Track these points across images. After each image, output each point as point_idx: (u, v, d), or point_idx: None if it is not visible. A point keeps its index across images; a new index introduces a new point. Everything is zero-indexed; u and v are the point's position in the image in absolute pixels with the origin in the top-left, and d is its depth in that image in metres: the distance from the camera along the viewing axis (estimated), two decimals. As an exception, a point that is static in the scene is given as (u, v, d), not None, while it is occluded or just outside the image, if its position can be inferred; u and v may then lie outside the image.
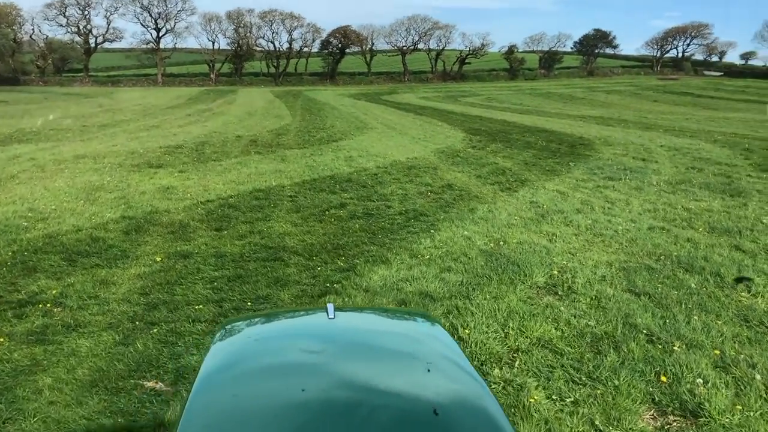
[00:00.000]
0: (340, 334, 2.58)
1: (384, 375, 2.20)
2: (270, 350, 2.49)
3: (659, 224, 9.85)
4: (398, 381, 2.16)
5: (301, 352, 2.36)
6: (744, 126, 34.57)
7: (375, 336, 2.70)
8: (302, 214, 10.81)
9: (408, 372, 2.24)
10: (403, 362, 2.35)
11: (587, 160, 18.30)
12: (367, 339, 2.63)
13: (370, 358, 2.38)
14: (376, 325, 2.97)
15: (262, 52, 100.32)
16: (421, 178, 14.80)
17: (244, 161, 17.61)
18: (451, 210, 11.09)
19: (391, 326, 3.03)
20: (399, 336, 2.74)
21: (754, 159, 18.31)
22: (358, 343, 2.56)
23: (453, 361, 2.36)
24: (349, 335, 2.61)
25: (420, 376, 2.18)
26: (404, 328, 3.00)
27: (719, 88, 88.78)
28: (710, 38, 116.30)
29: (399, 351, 2.48)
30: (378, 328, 2.88)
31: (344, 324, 2.67)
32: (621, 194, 12.57)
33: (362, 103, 54.50)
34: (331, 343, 2.46)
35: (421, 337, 2.68)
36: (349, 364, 2.28)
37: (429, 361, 2.29)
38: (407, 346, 2.54)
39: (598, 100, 68.13)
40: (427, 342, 2.60)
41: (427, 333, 2.78)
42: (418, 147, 21.71)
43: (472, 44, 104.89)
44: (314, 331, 2.68)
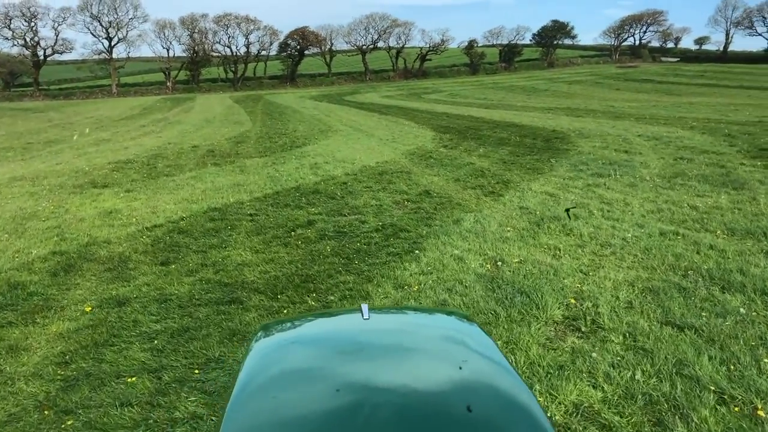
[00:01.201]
0: (375, 334, 2.57)
1: (420, 374, 2.18)
2: (307, 352, 2.48)
3: (670, 228, 8.69)
4: (435, 380, 2.14)
5: (337, 354, 2.37)
6: (713, 111, 34.09)
7: (410, 336, 2.65)
8: (264, 236, 9.40)
9: (445, 371, 2.21)
10: (439, 361, 2.31)
11: (567, 155, 17.21)
12: (402, 339, 2.58)
13: (405, 358, 2.35)
14: (411, 324, 2.93)
15: (219, 57, 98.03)
16: (395, 184, 13.49)
17: (200, 175, 16.08)
18: (433, 222, 9.79)
19: (427, 325, 2.95)
20: (434, 335, 2.69)
21: (740, 145, 17.43)
22: (394, 343, 2.52)
23: (491, 360, 2.33)
24: (384, 335, 2.59)
25: (458, 375, 2.15)
26: (440, 327, 2.93)
27: (678, 73, 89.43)
28: (665, 25, 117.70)
29: (435, 350, 2.45)
30: (413, 328, 2.83)
31: (379, 324, 2.67)
32: (616, 193, 11.43)
33: (325, 104, 52.99)
34: (367, 344, 2.46)
35: (458, 336, 2.64)
36: (386, 365, 2.26)
37: (465, 359, 2.26)
38: (443, 345, 2.51)
39: (561, 91, 67.78)
40: (463, 341, 2.56)
41: (464, 332, 2.73)
42: (387, 149, 20.41)
43: (432, 40, 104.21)
44: (350, 332, 2.67)
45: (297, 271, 7.57)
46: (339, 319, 3.26)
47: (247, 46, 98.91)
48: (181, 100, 69.59)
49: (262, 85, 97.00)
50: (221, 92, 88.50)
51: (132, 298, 6.85)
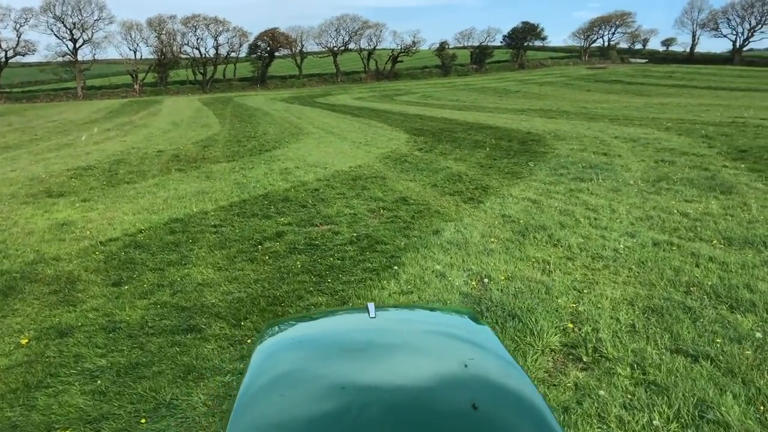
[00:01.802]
0: (382, 332, 2.54)
1: (427, 373, 2.16)
2: (314, 351, 2.45)
3: (663, 237, 8.17)
4: (442, 379, 2.12)
5: (344, 353, 2.34)
6: (685, 111, 34.10)
7: (417, 334, 2.62)
8: (229, 251, 8.67)
9: (453, 370, 2.18)
10: (446, 360, 2.28)
11: (545, 158, 16.73)
12: (409, 338, 2.54)
13: (413, 356, 2.31)
14: (418, 323, 2.90)
15: (187, 59, 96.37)
16: (370, 191, 12.83)
17: (163, 182, 15.24)
18: (411, 233, 9.15)
19: (434, 324, 2.89)
20: (442, 334, 2.65)
21: (719, 147, 17.13)
22: (401, 342, 2.48)
23: (499, 358, 2.31)
24: (391, 334, 2.56)
25: (465, 373, 2.14)
26: (447, 325, 2.87)
27: (647, 74, 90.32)
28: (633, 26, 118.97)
29: (442, 349, 2.41)
30: (420, 327, 2.78)
31: (386, 323, 2.64)
32: (600, 198, 10.92)
33: (296, 106, 52.12)
34: (374, 343, 2.43)
35: (465, 335, 2.62)
36: (393, 364, 2.24)
37: (472, 358, 2.24)
38: (451, 344, 2.48)
39: (533, 93, 67.89)
40: (471, 339, 2.53)
41: (471, 330, 2.72)
42: (360, 153, 19.74)
43: (404, 42, 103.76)
44: (356, 330, 2.63)
45: (263, 292, 6.86)
46: (345, 317, 3.19)
47: (216, 48, 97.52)
48: (148, 103, 68.06)
49: (232, 87, 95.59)
50: (190, 95, 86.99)
51: (76, 327, 6.07)
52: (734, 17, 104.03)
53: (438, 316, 3.18)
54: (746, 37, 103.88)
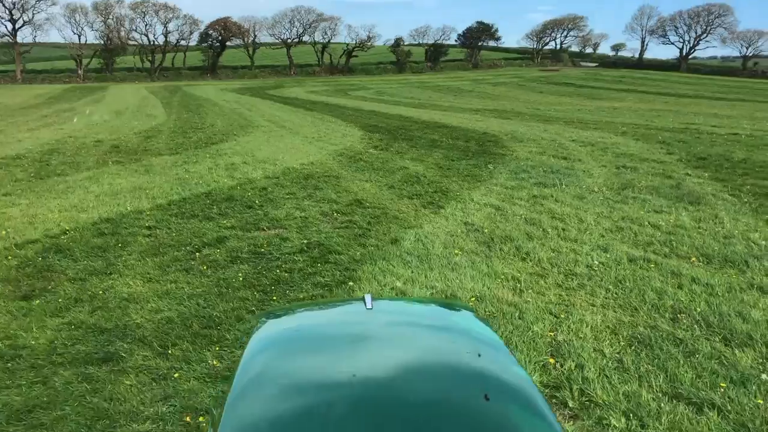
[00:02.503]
0: (378, 324, 2.48)
1: (424, 366, 2.14)
2: (309, 341, 2.42)
3: (637, 252, 7.61)
4: (437, 371, 2.10)
5: (340, 344, 2.31)
6: (637, 116, 34.33)
7: (414, 326, 2.59)
8: (162, 258, 7.71)
9: (448, 362, 2.18)
10: (443, 352, 2.27)
11: (504, 160, 16.19)
12: (406, 329, 2.52)
13: (409, 348, 2.28)
14: (415, 315, 2.86)
15: (135, 46, 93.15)
16: (323, 191, 11.99)
17: (97, 175, 14.06)
18: (368, 241, 8.36)
19: (430, 316, 2.89)
20: (438, 326, 2.65)
21: (678, 153, 16.92)
22: (397, 333, 2.46)
23: (494, 351, 2.28)
24: (387, 325, 2.51)
25: (461, 365, 2.13)
26: (443, 318, 2.88)
27: (598, 78, 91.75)
28: (585, 30, 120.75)
29: (439, 340, 2.41)
30: (416, 319, 2.75)
31: (382, 314, 2.56)
32: (566, 206, 10.35)
33: (247, 98, 50.67)
34: (371, 333, 2.38)
35: (461, 327, 2.57)
36: (390, 355, 2.20)
37: (468, 351, 2.19)
38: (447, 336, 2.46)
39: (487, 93, 68.00)
40: (467, 332, 2.50)
41: (467, 323, 2.66)
42: (313, 149, 18.84)
43: (359, 37, 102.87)
44: (353, 321, 2.57)
45: (198, 311, 5.96)
46: (342, 308, 3.13)
47: (166, 35, 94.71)
48: (92, 89, 65.37)
49: (181, 76, 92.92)
50: (137, 82, 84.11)
51: (-33, 354, 5.08)
52: (681, 25, 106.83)
53: (435, 310, 3.17)
54: (692, 45, 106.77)
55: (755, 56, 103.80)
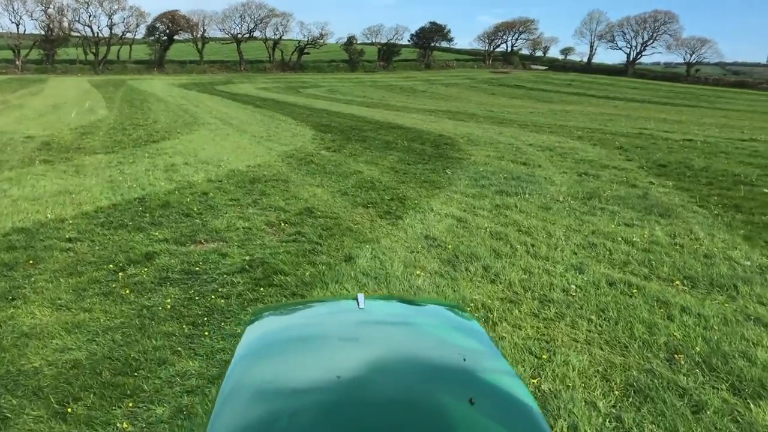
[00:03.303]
0: (370, 323, 2.50)
1: (416, 365, 2.13)
2: (301, 339, 2.41)
3: (615, 274, 6.94)
4: (428, 370, 2.09)
5: (332, 341, 2.32)
6: (590, 120, 34.31)
7: (406, 326, 2.57)
8: (79, 279, 6.64)
9: (441, 361, 2.15)
10: (435, 352, 2.24)
11: (462, 164, 15.49)
12: (397, 329, 2.50)
13: (401, 347, 2.27)
14: (407, 315, 2.84)
15: (78, 37, 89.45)
16: (270, 197, 11.02)
17: (20, 176, 12.73)
18: (318, 258, 7.46)
19: (422, 316, 2.83)
20: (430, 326, 2.59)
21: (637, 160, 16.55)
22: (389, 332, 2.45)
23: (486, 352, 2.27)
24: (379, 324, 2.51)
25: (453, 366, 2.10)
26: (435, 318, 2.79)
27: (548, 81, 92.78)
28: (536, 33, 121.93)
29: (431, 340, 2.38)
30: (408, 318, 2.73)
31: (374, 314, 2.59)
32: (532, 218, 9.66)
33: (194, 93, 48.97)
34: (362, 332, 2.39)
35: (453, 328, 2.59)
36: (381, 354, 2.18)
37: (459, 352, 2.17)
38: (439, 336, 2.44)
39: (439, 93, 67.79)
40: (459, 332, 2.52)
41: (459, 323, 2.70)
42: (261, 149, 17.79)
43: (311, 34, 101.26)
44: (345, 320, 2.56)
45: (112, 351, 4.95)
46: (334, 306, 3.03)
47: (111, 27, 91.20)
48: (30, 81, 62.29)
49: (127, 69, 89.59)
50: (80, 75, 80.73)
51: None
52: (629, 31, 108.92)
53: (426, 309, 3.14)
54: (639, 50, 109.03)
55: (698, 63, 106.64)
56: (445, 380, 2.01)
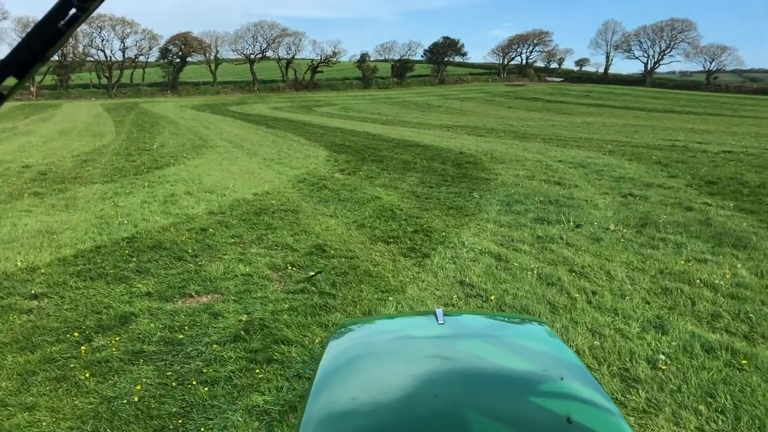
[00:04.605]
0: (450, 338, 2.46)
1: (498, 380, 2.10)
2: (382, 354, 2.40)
3: (708, 334, 5.46)
4: (514, 389, 2.04)
5: (413, 354, 2.30)
6: (614, 132, 32.87)
7: (486, 341, 2.47)
8: (30, 357, 5.27)
9: (521, 377, 2.12)
10: (517, 368, 2.19)
11: (489, 186, 14.08)
12: (478, 344, 2.41)
13: (481, 363, 2.21)
14: (487, 330, 2.77)
15: (92, 61, 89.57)
16: (277, 232, 9.67)
17: (3, 212, 11.50)
18: (331, 317, 6.04)
19: (503, 331, 2.76)
20: (512, 343, 2.51)
21: (682, 176, 15.04)
22: (469, 347, 2.36)
23: (571, 369, 2.17)
24: (459, 339, 2.47)
25: (539, 384, 2.07)
26: (516, 333, 2.73)
27: (565, 92, 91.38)
28: (551, 45, 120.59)
29: (512, 356, 2.31)
30: (489, 333, 2.66)
31: (454, 329, 2.56)
32: (583, 254, 8.20)
33: (206, 115, 48.10)
34: (443, 348, 2.35)
35: (536, 345, 2.48)
36: (462, 369, 2.17)
37: (544, 368, 2.17)
38: (520, 352, 2.38)
39: (455, 108, 66.61)
40: (542, 350, 2.40)
41: (541, 339, 2.55)
42: (271, 174, 16.51)
43: (324, 52, 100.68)
44: (425, 335, 2.51)
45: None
46: (414, 322, 2.97)
47: (123, 51, 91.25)
48: (43, 107, 61.99)
49: (140, 92, 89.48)
50: (93, 99, 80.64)
51: None
52: (646, 40, 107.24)
53: (508, 326, 3.01)
54: (657, 59, 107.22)
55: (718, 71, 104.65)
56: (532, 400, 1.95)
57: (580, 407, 1.90)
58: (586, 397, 1.97)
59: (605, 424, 1.83)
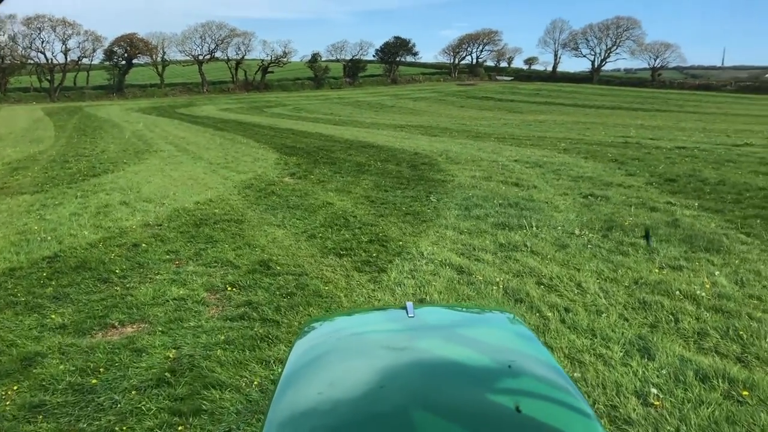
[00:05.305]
0: (420, 331, 2.43)
1: (466, 372, 2.07)
2: (351, 348, 2.38)
3: (698, 357, 4.87)
4: (481, 377, 2.03)
5: (381, 349, 2.27)
6: (566, 129, 32.81)
7: (456, 333, 2.49)
8: None
9: (491, 368, 2.11)
10: (485, 358, 2.19)
11: (446, 188, 13.46)
12: (448, 336, 2.43)
13: (451, 355, 2.20)
14: (457, 322, 2.78)
15: (32, 64, 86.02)
16: (217, 246, 8.81)
17: None
18: (273, 352, 5.25)
19: (472, 323, 2.78)
20: (480, 332, 2.53)
21: (640, 174, 14.71)
22: (440, 340, 2.38)
23: (537, 358, 2.20)
24: (429, 332, 2.45)
25: (504, 373, 2.07)
26: (485, 324, 2.74)
27: (515, 91, 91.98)
28: (500, 44, 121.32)
29: (481, 347, 2.29)
30: (458, 326, 2.65)
31: (424, 321, 2.54)
32: (550, 263, 7.60)
33: (153, 117, 46.42)
34: (412, 340, 2.33)
35: (503, 334, 2.52)
36: (431, 362, 2.14)
37: (513, 359, 2.15)
38: (489, 343, 2.37)
39: (408, 108, 66.22)
40: (509, 338, 2.45)
41: (509, 329, 2.62)
42: (216, 179, 15.55)
43: (274, 52, 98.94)
44: (395, 328, 2.49)
45: None
46: (384, 315, 2.98)
47: (65, 53, 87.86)
48: (-23, 112, 59.06)
49: (85, 96, 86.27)
50: (34, 103, 77.40)
51: None
52: (592, 38, 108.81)
53: (476, 316, 3.03)
54: (603, 57, 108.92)
55: (662, 68, 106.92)
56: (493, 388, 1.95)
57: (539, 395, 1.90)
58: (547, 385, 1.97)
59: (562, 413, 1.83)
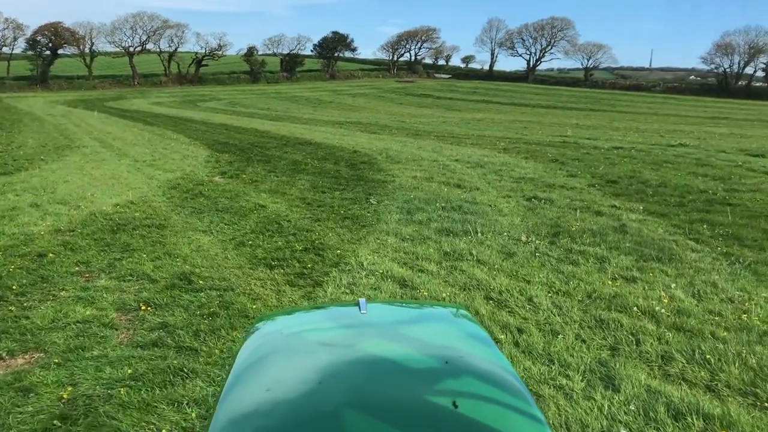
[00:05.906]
0: (369, 328, 2.43)
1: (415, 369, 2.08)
2: (299, 347, 2.34)
3: (666, 387, 4.40)
4: (429, 376, 2.04)
5: (328, 348, 2.25)
6: (504, 128, 32.89)
7: (406, 330, 2.48)
8: None
9: (434, 367, 2.11)
10: (430, 357, 2.18)
11: (387, 190, 12.88)
12: (396, 334, 2.39)
13: (400, 352, 2.19)
14: (407, 319, 2.78)
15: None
16: (134, 256, 7.94)
17: None
18: (186, 390, 4.48)
19: (423, 319, 2.83)
20: (430, 329, 2.55)
21: (582, 175, 14.53)
22: (387, 338, 2.33)
23: (485, 354, 2.23)
24: (378, 330, 2.42)
25: (446, 371, 2.07)
26: (436, 320, 2.78)
27: (453, 89, 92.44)
28: (438, 42, 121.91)
29: (427, 346, 2.30)
30: (410, 322, 2.68)
31: (375, 319, 2.52)
32: (497, 274, 7.10)
33: (79, 111, 44.15)
34: (360, 338, 2.32)
35: (454, 332, 2.52)
36: (378, 359, 2.13)
37: (458, 357, 2.16)
38: (438, 339, 2.39)
39: (347, 104, 65.66)
40: (459, 337, 2.44)
41: (461, 328, 2.59)
42: (139, 178, 14.50)
43: (209, 45, 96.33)
44: (346, 325, 2.51)
45: None
46: (336, 312, 2.98)
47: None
48: None
49: (5, 87, 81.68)
50: (-53, 94, 72.79)
51: None
52: (528, 38, 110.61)
53: (428, 312, 3.06)
54: (538, 57, 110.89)
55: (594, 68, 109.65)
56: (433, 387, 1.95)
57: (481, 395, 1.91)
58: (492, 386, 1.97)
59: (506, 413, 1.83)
